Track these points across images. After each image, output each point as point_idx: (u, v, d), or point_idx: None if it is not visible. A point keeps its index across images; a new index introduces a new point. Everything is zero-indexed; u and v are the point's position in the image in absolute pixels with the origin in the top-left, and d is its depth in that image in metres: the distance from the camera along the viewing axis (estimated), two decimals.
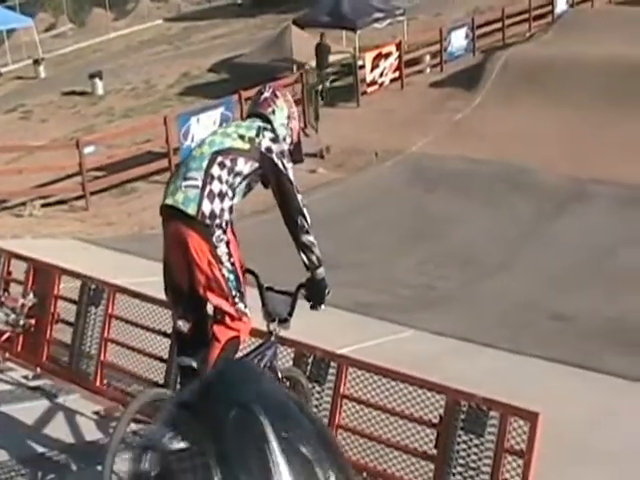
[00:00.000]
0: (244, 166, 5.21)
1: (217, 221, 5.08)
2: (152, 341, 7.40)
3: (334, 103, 25.73)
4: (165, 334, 7.05)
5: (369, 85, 26.95)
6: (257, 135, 5.30)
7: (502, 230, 16.36)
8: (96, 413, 7.04)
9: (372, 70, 27.07)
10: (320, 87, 25.54)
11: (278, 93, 5.66)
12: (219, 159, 5.16)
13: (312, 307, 5.49)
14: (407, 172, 20.18)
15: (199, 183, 5.09)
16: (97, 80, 29.19)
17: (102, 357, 7.51)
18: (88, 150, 19.85)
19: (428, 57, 29.73)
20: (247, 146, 5.25)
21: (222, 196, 5.11)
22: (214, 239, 5.08)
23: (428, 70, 29.43)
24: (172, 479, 0.92)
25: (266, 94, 5.61)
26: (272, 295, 5.57)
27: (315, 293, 5.42)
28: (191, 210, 5.05)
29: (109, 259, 13.22)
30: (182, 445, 0.93)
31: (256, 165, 5.25)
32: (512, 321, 11.54)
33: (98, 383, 7.46)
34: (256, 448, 0.91)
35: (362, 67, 26.76)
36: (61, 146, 22.34)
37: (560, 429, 6.28)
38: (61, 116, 27.13)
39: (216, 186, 5.10)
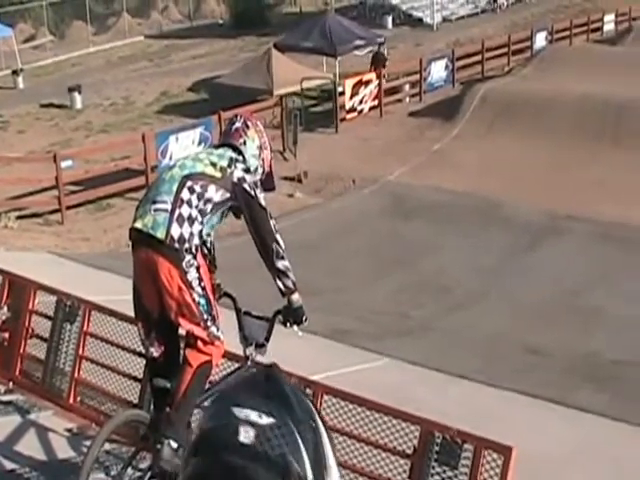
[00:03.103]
0: (215, 194, 5.13)
1: (186, 245, 5.01)
2: (127, 360, 7.35)
3: (313, 128, 25.82)
4: (140, 354, 7.01)
5: (348, 112, 27.07)
6: (229, 165, 5.21)
7: (477, 262, 16.46)
8: (69, 430, 6.98)
9: (352, 97, 27.21)
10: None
11: (249, 123, 5.55)
12: (189, 183, 5.09)
13: (286, 326, 5.45)
14: (384, 200, 20.26)
15: (168, 207, 5.02)
16: (76, 94, 29.13)
17: (76, 374, 7.45)
18: (65, 164, 19.76)
19: (407, 86, 29.95)
20: (219, 174, 5.16)
21: (192, 220, 5.04)
22: (184, 264, 5.01)
23: (407, 99, 29.65)
24: (269, 444, 1.59)
25: (237, 124, 5.52)
26: (249, 319, 5.53)
27: (292, 320, 5.40)
28: (160, 234, 4.98)
29: (84, 275, 13.14)
30: (270, 420, 1.65)
31: (227, 195, 5.17)
32: (486, 353, 11.58)
33: (71, 400, 7.39)
34: (311, 418, 1.74)
35: (342, 94, 26.88)
36: (38, 159, 22.22)
37: (532, 464, 6.30)
38: (39, 128, 27.01)
39: (185, 210, 5.03)
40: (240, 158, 5.35)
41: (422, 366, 9.99)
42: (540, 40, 35.33)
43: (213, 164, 5.22)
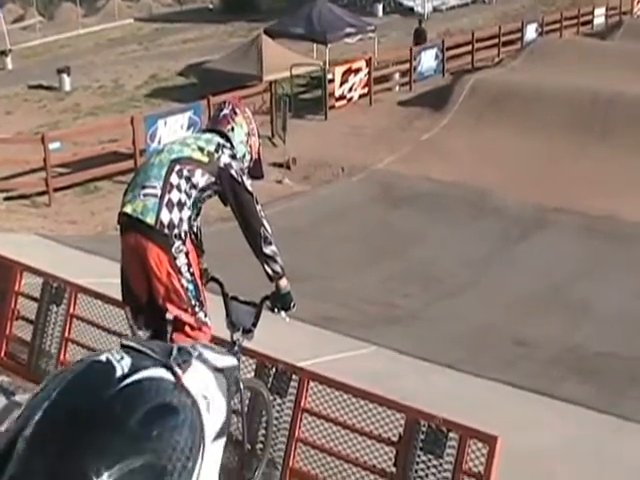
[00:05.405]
0: (200, 178, 5.15)
1: (176, 231, 5.04)
2: (113, 343, 7.33)
3: (302, 115, 25.78)
4: (127, 337, 7.00)
5: (337, 99, 27.02)
6: (216, 150, 5.24)
7: (465, 252, 16.46)
8: None
9: (341, 85, 27.16)
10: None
11: (237, 110, 5.57)
12: (177, 167, 5.10)
13: (274, 311, 5.45)
14: (373, 188, 20.25)
15: (158, 192, 5.03)
16: (64, 75, 28.98)
17: (62, 357, 7.44)
18: (53, 146, 19.66)
19: (397, 75, 29.92)
20: (206, 159, 5.18)
21: (181, 205, 5.06)
22: (173, 250, 5.03)
23: (397, 88, 29.62)
24: None
25: (225, 111, 5.55)
26: (236, 305, 5.51)
27: (280, 306, 5.40)
28: (149, 219, 5.00)
29: (72, 258, 13.07)
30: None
31: (212, 179, 5.18)
32: (473, 343, 11.59)
33: None
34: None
35: (331, 81, 26.83)
36: (26, 140, 22.10)
37: (517, 455, 6.31)
38: (26, 109, 26.88)
39: (175, 195, 5.05)
40: (227, 144, 5.36)
41: (409, 355, 9.98)
42: (530, 32, 35.33)
43: (200, 149, 5.23)
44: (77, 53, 35.58)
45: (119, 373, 1.07)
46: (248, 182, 5.27)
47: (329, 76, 26.76)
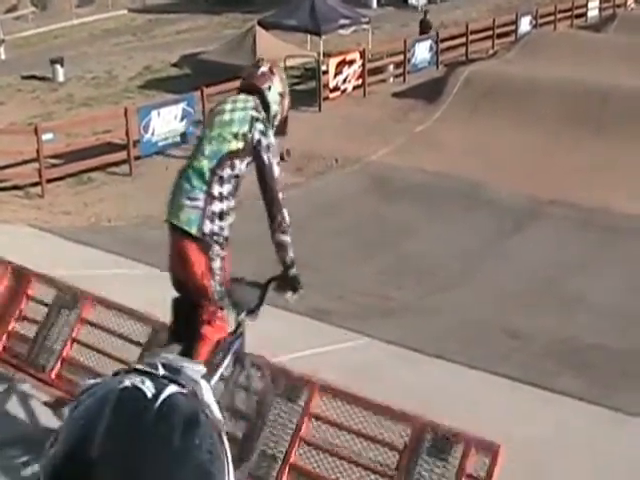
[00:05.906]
0: (240, 165, 5.44)
1: (216, 238, 5.38)
2: (113, 342, 7.32)
3: (296, 107, 25.70)
4: (137, 343, 7.04)
5: (332, 91, 27.00)
6: (250, 130, 5.45)
7: (459, 244, 16.47)
8: (48, 403, 6.99)
9: (335, 76, 27.14)
10: None
11: (275, 70, 5.83)
12: (218, 173, 5.38)
13: (281, 292, 5.60)
14: (366, 180, 20.25)
15: (201, 204, 5.34)
16: (58, 66, 28.88)
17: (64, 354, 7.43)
18: (46, 137, 19.62)
19: (391, 67, 29.91)
20: (241, 144, 5.43)
21: (222, 215, 5.39)
22: (211, 253, 5.37)
23: (391, 80, 29.61)
24: None
25: (264, 68, 5.78)
26: (241, 286, 5.62)
27: (288, 288, 5.64)
28: (193, 230, 5.34)
29: (66, 249, 13.06)
30: None
31: (249, 159, 5.47)
32: (467, 335, 11.58)
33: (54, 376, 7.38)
34: None
35: (325, 72, 26.81)
36: (19, 131, 22.07)
37: (512, 447, 6.33)
38: (20, 100, 26.80)
39: (217, 206, 5.36)
40: (260, 113, 5.55)
41: (403, 347, 9.99)
42: (524, 24, 35.33)
43: (235, 135, 5.45)
44: (71, 44, 35.45)
45: (149, 395, 1.11)
46: (275, 161, 5.51)
47: (323, 67, 26.74)
